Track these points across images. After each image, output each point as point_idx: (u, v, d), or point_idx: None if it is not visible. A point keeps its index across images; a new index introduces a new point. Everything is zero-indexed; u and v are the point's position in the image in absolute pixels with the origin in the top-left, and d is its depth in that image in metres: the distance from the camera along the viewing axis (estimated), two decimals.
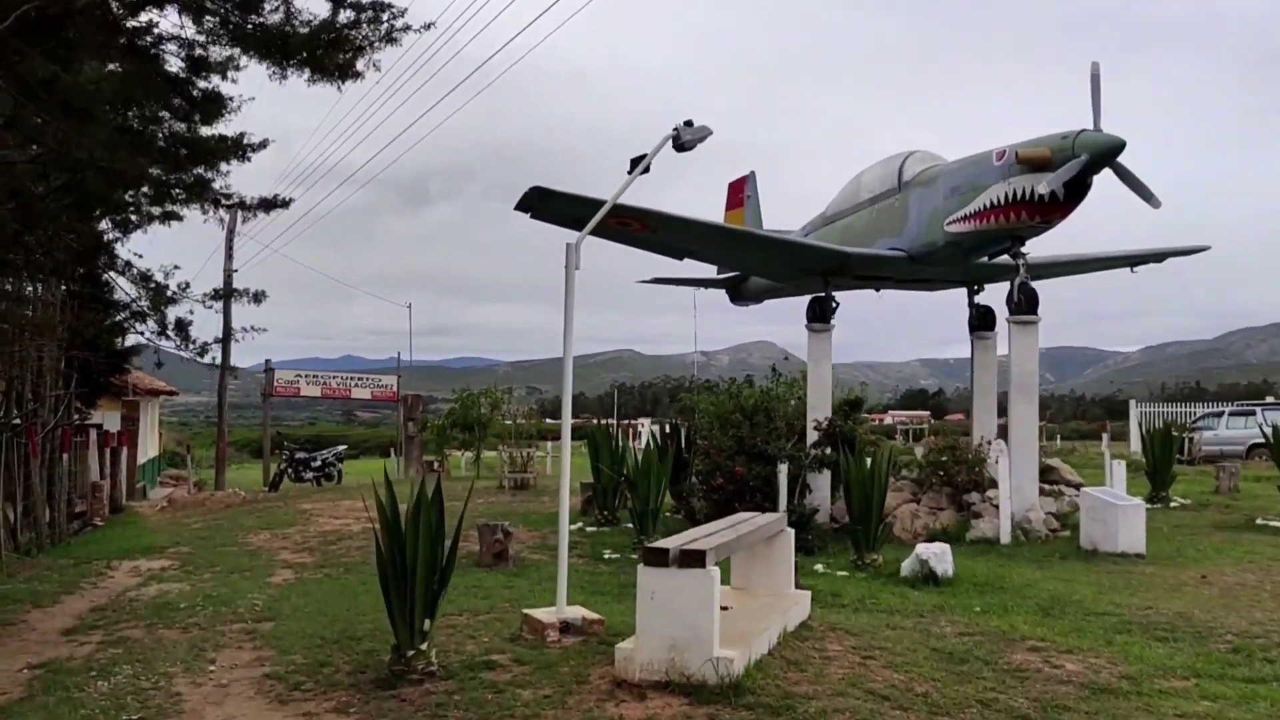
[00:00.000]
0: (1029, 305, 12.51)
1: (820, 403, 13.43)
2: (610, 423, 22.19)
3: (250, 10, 7.50)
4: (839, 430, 12.72)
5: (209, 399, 37.57)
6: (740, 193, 19.51)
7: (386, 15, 7.92)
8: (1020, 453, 12.25)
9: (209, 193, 9.63)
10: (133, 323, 14.92)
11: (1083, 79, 11.54)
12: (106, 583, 10.14)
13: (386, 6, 8.14)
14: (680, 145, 7.65)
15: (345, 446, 31.10)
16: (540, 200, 11.99)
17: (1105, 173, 11.61)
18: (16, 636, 7.60)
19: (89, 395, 19.51)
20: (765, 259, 15.04)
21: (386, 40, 7.95)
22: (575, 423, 7.66)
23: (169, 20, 8.14)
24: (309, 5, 8.11)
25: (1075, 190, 11.63)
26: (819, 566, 9.96)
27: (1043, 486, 12.81)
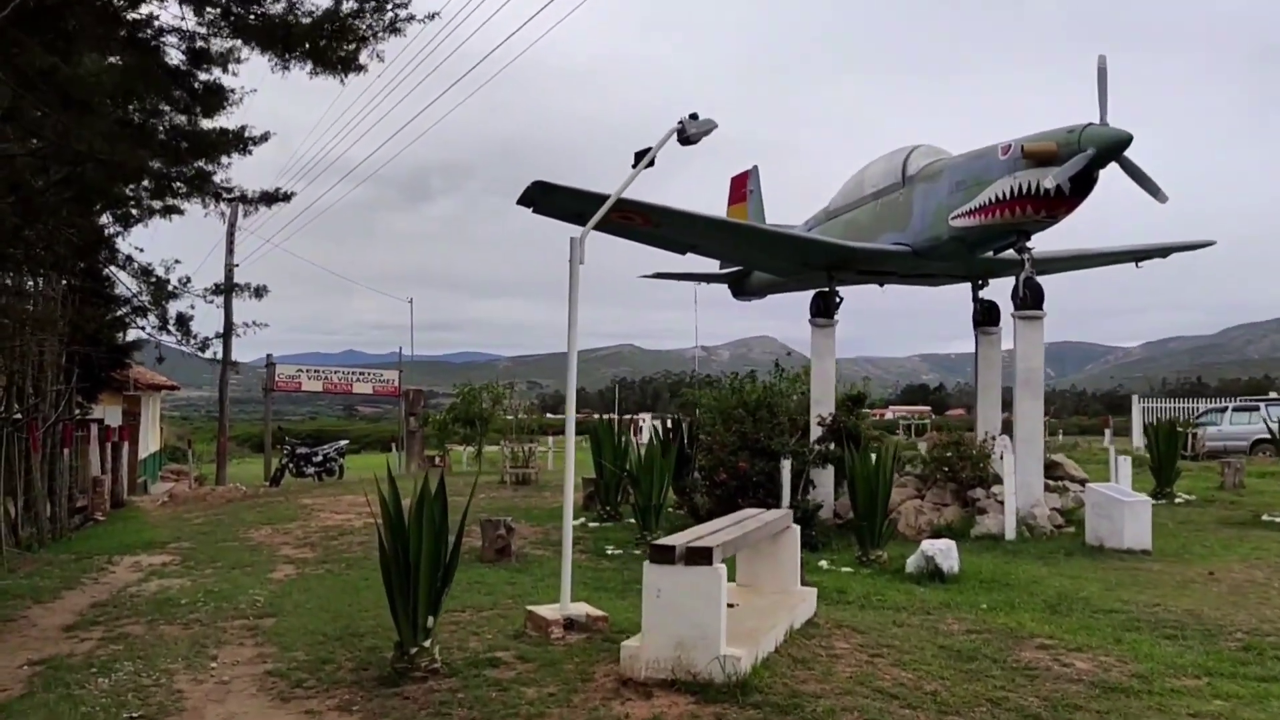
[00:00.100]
0: (1034, 300, 12.43)
1: (824, 398, 13.37)
2: (611, 418, 22.12)
3: (252, 0, 7.43)
4: (843, 425, 12.66)
5: (210, 394, 37.56)
6: (743, 187, 19.43)
7: (390, 5, 7.84)
8: (1025, 448, 12.19)
9: (209, 185, 9.56)
10: (134, 318, 14.90)
11: (1087, 74, 11.47)
12: (107, 578, 10.09)
13: None
14: (685, 139, 7.58)
15: (347, 441, 31.06)
16: (542, 195, 11.94)
17: (1111, 167, 11.56)
18: (17, 632, 7.56)
19: (90, 390, 19.51)
20: (768, 254, 14.97)
21: (390, 31, 7.87)
22: (576, 418, 7.59)
23: (169, 12, 8.09)
24: None
25: (1081, 184, 11.55)
26: (823, 563, 9.90)
27: (1047, 482, 12.75)
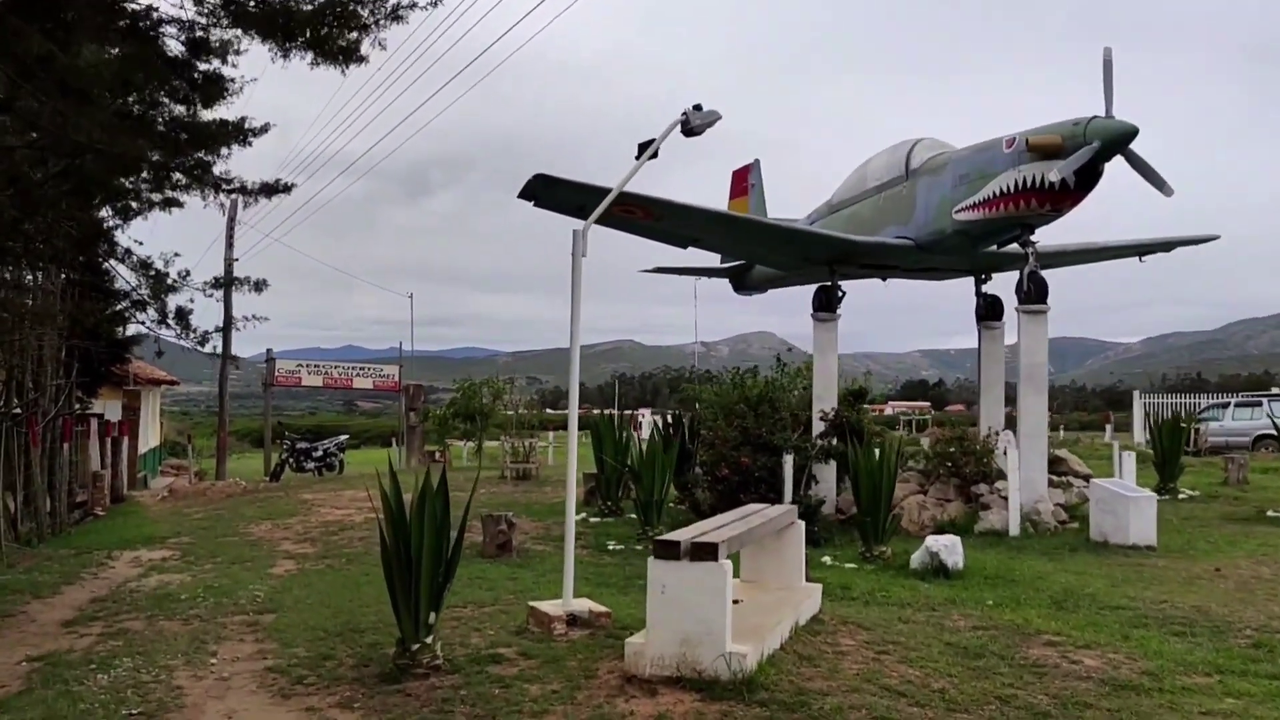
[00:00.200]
0: (1039, 294, 12.36)
1: (826, 393, 13.30)
2: (611, 413, 22.09)
3: None
4: (846, 421, 12.59)
5: (210, 388, 37.51)
6: (744, 181, 19.36)
7: None
8: (1029, 444, 12.12)
9: (209, 176, 9.47)
10: (133, 312, 14.82)
11: (1085, 73, 11.40)
12: (107, 573, 10.05)
13: None
14: (689, 130, 7.51)
15: (347, 436, 30.98)
16: (544, 188, 11.87)
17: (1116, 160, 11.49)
18: (16, 628, 7.51)
19: (90, 384, 19.44)
20: (770, 247, 14.89)
21: (392, 18, 7.77)
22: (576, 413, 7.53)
23: (169, 2, 7.99)
24: None
25: (1086, 178, 11.49)
26: (826, 559, 9.85)
27: (1051, 478, 12.69)
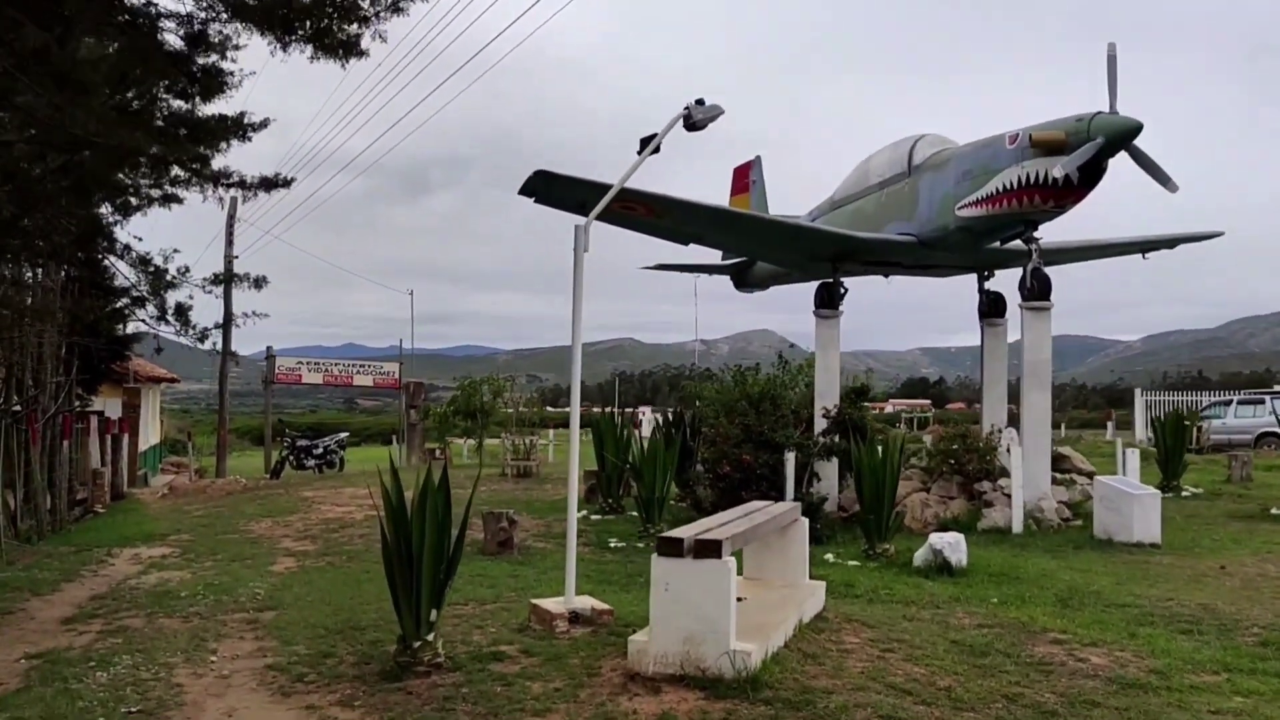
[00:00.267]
0: (1042, 291, 12.32)
1: (828, 390, 13.26)
2: (612, 411, 22.04)
3: None
4: (849, 418, 12.54)
5: (210, 386, 37.45)
6: (745, 178, 19.32)
7: None
8: (1033, 441, 12.08)
9: (207, 169, 9.40)
10: (133, 309, 14.77)
11: (1086, 68, 11.35)
12: (107, 570, 10.01)
13: None
14: (691, 124, 7.45)
15: (347, 434, 30.92)
16: (545, 184, 11.83)
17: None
18: (15, 625, 7.47)
19: (90, 382, 19.39)
20: (773, 244, 14.84)
21: (393, 10, 7.70)
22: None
23: None
24: None
25: (1090, 174, 11.44)
26: (829, 556, 9.80)
27: (1054, 475, 12.65)
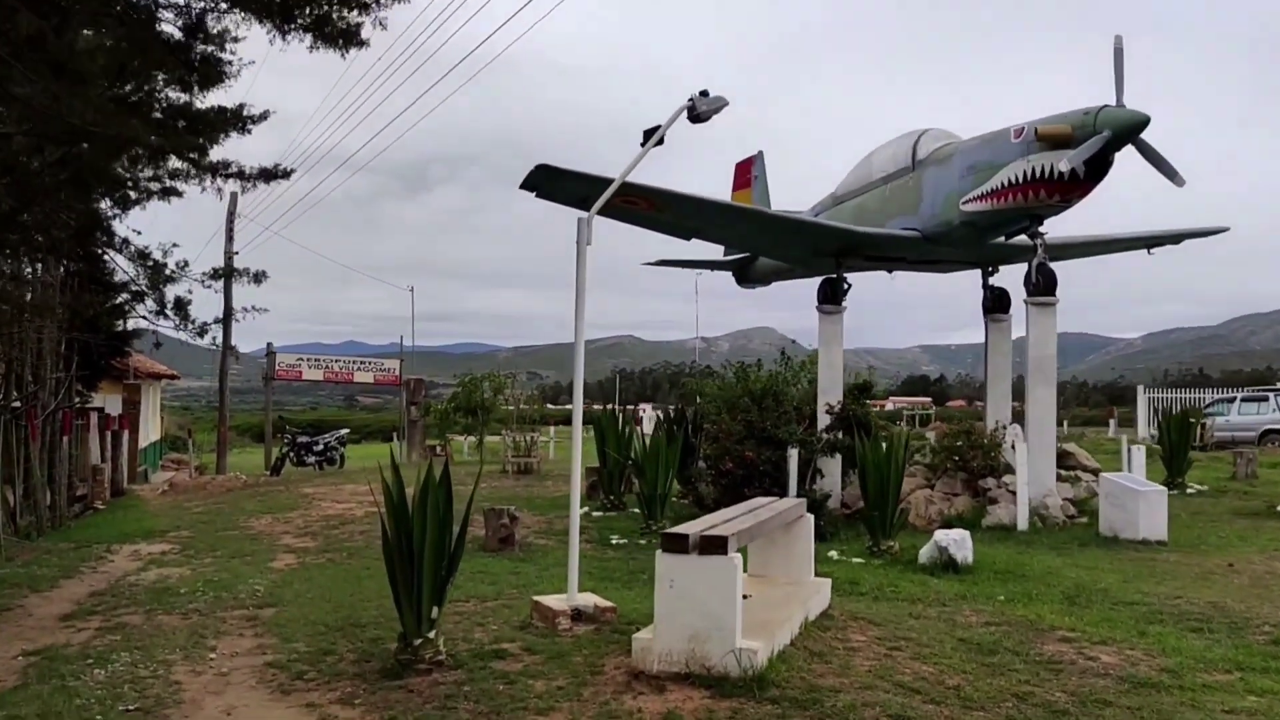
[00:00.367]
0: (1047, 286, 12.24)
1: (831, 386, 13.19)
2: (613, 407, 21.97)
3: None
4: (852, 414, 12.47)
5: (211, 383, 37.39)
6: (748, 173, 19.23)
7: None
8: (1037, 437, 12.01)
9: (205, 157, 9.30)
10: (132, 304, 14.71)
11: (1091, 61, 11.25)
12: (106, 567, 9.95)
13: None
14: (695, 116, 7.37)
15: (348, 431, 30.85)
16: (546, 179, 11.76)
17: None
18: (13, 622, 7.41)
19: (90, 378, 19.34)
20: (776, 239, 14.76)
21: None
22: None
23: None
24: None
25: (1097, 168, 11.36)
26: (833, 553, 9.72)
27: (1059, 472, 12.58)
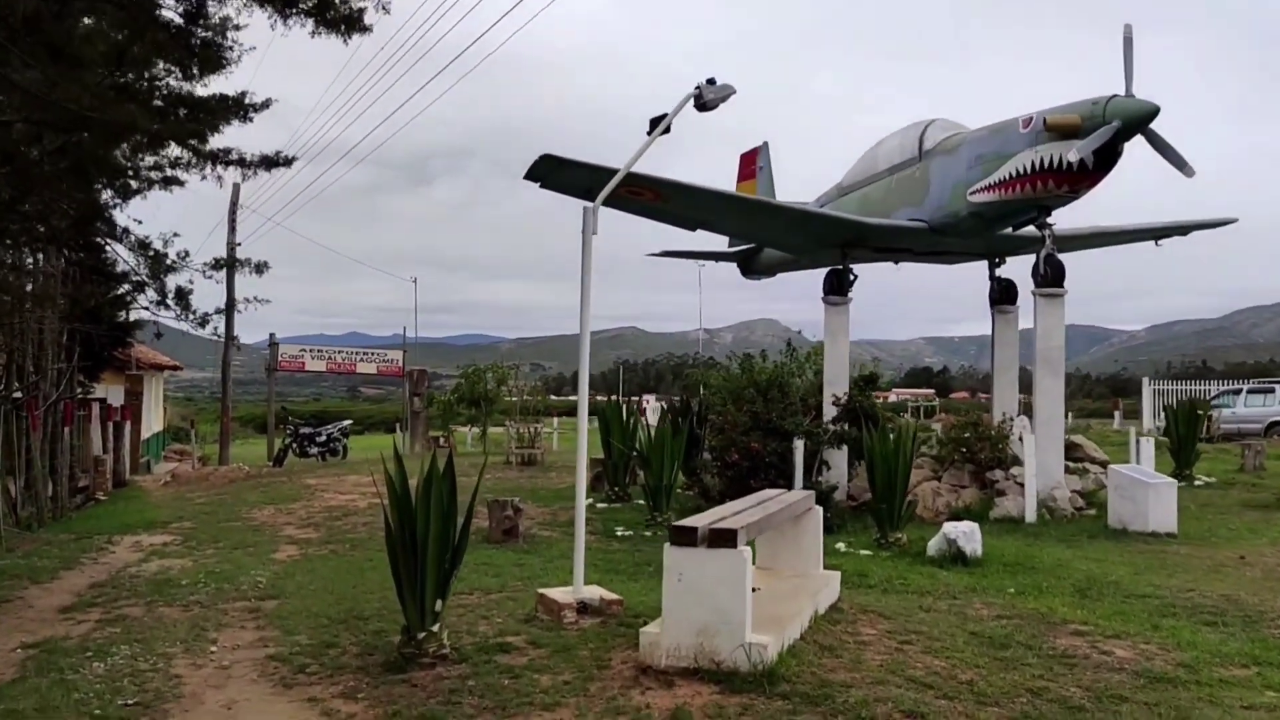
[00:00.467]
0: (1055, 277, 12.13)
1: (838, 378, 13.10)
2: (616, 399, 21.93)
3: None
4: (859, 405, 12.38)
5: (214, 374, 37.34)
6: (752, 164, 19.12)
7: None
8: (1045, 429, 11.91)
9: (205, 144, 9.19)
10: (133, 294, 14.63)
11: (1095, 54, 11.15)
12: (107, 558, 9.90)
13: None
14: (702, 104, 7.27)
15: (351, 421, 30.80)
16: (551, 169, 11.69)
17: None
18: (13, 614, 7.35)
19: (91, 369, 19.28)
20: (782, 230, 14.67)
21: None
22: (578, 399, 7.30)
23: None
24: None
25: (1105, 158, 11.26)
26: (841, 545, 9.63)
27: (1067, 464, 12.48)
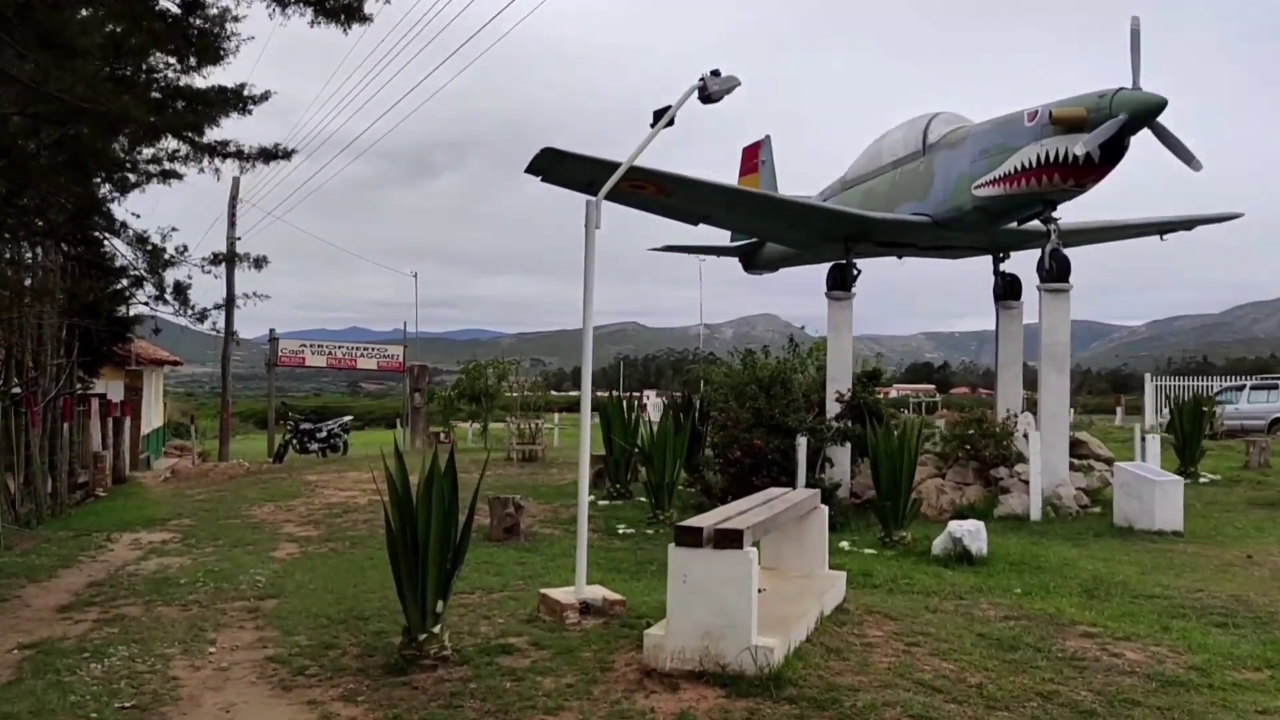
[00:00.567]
0: (1061, 272, 12.04)
1: (841, 374, 13.00)
2: (617, 394, 21.86)
3: None
4: (863, 402, 12.29)
5: (214, 369, 37.27)
6: (755, 157, 19.01)
7: None
8: (1050, 426, 11.83)
9: (202, 136, 9.08)
10: (132, 289, 14.55)
11: (1100, 44, 11.04)
12: (106, 556, 9.83)
13: None
14: (707, 96, 7.18)
15: (351, 417, 30.72)
16: (552, 163, 11.58)
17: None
18: (9, 614, 7.28)
19: (91, 364, 19.21)
20: (786, 224, 14.56)
21: None
22: (579, 395, 7.23)
23: None
24: None
25: (1112, 151, 11.14)
26: (844, 544, 9.55)
27: (1072, 461, 12.40)
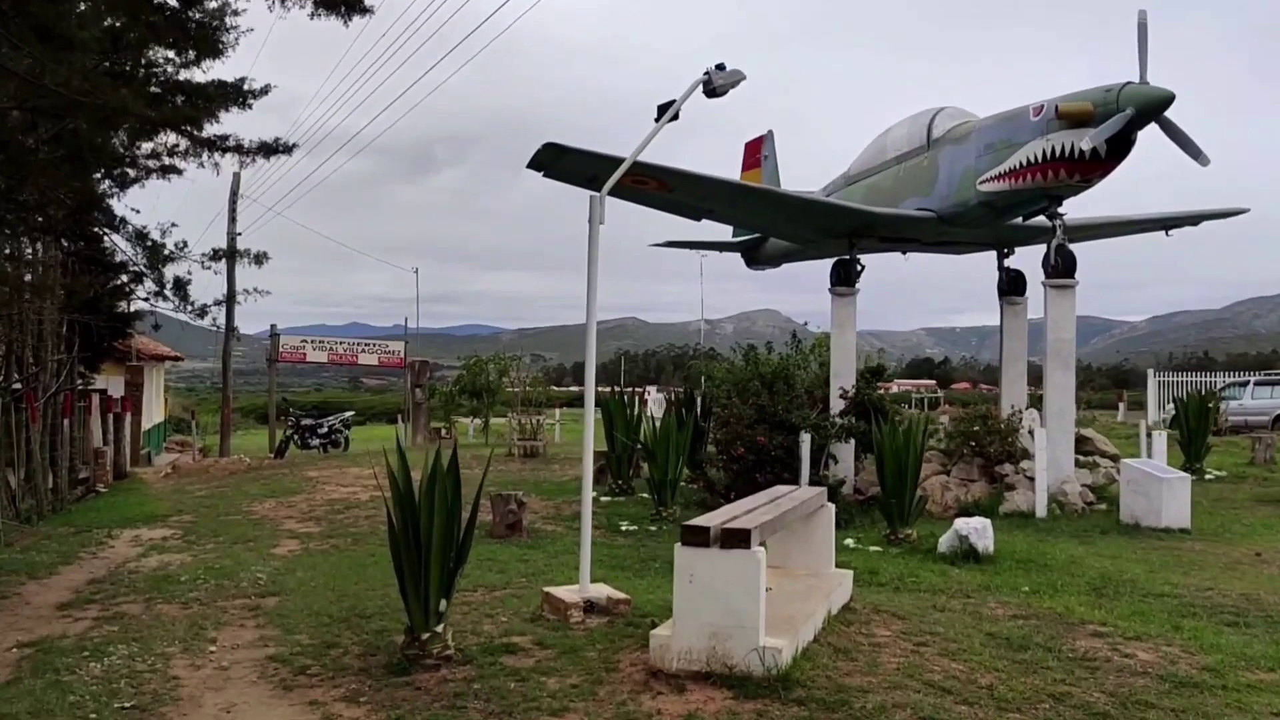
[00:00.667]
0: (1066, 268, 11.97)
1: (845, 370, 12.94)
2: (617, 390, 21.79)
3: None
4: (867, 398, 12.22)
5: (215, 365, 37.21)
6: (757, 153, 18.95)
7: None
8: (1056, 422, 11.77)
9: (200, 131, 9.01)
10: (132, 285, 14.49)
11: (1099, 43, 10.96)
12: (106, 553, 9.77)
13: None
14: (711, 90, 7.11)
15: (353, 413, 30.66)
16: (554, 158, 11.54)
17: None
18: (9, 611, 7.23)
19: (91, 360, 19.16)
20: (789, 219, 14.50)
21: None
22: (581, 391, 7.17)
23: None
24: None
25: (1118, 146, 11.09)
26: (850, 541, 9.48)
27: (1077, 458, 12.34)
